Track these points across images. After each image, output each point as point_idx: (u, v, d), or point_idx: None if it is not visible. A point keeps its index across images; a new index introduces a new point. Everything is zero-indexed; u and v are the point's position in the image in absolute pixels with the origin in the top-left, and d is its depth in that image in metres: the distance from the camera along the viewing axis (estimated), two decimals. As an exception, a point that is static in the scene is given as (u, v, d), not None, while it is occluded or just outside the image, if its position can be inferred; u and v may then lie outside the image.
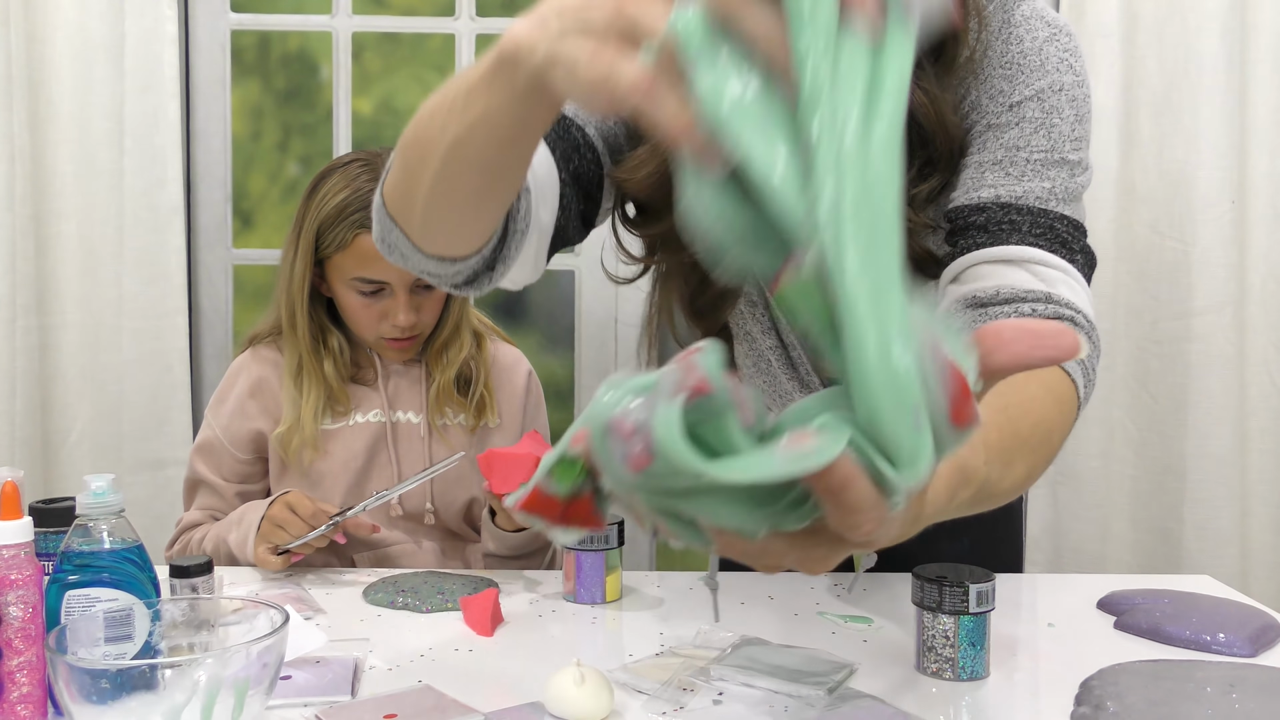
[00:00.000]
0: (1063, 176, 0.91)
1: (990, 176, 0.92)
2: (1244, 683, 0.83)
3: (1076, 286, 0.89)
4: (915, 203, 0.92)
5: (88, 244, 1.96)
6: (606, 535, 1.22)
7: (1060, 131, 0.91)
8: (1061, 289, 0.87)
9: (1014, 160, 0.91)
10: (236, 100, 2.11)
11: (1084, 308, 0.88)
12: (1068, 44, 0.93)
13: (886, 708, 0.90)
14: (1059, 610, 1.19)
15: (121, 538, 0.89)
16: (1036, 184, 0.91)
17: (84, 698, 0.72)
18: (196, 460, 1.52)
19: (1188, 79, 1.91)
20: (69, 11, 1.92)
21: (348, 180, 1.45)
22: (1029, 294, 0.86)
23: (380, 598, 1.22)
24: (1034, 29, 0.92)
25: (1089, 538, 1.99)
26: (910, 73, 0.46)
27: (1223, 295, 1.91)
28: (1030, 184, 0.91)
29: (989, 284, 0.88)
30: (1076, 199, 0.93)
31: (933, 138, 0.90)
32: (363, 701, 0.92)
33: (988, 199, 0.91)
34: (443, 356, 1.53)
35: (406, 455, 1.51)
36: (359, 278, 1.45)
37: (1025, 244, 0.89)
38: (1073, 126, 0.92)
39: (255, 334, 1.56)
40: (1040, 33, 0.92)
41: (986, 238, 0.90)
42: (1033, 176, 0.91)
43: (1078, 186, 0.93)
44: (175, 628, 0.85)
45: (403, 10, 2.15)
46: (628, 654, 1.05)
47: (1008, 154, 0.91)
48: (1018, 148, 0.91)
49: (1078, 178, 0.93)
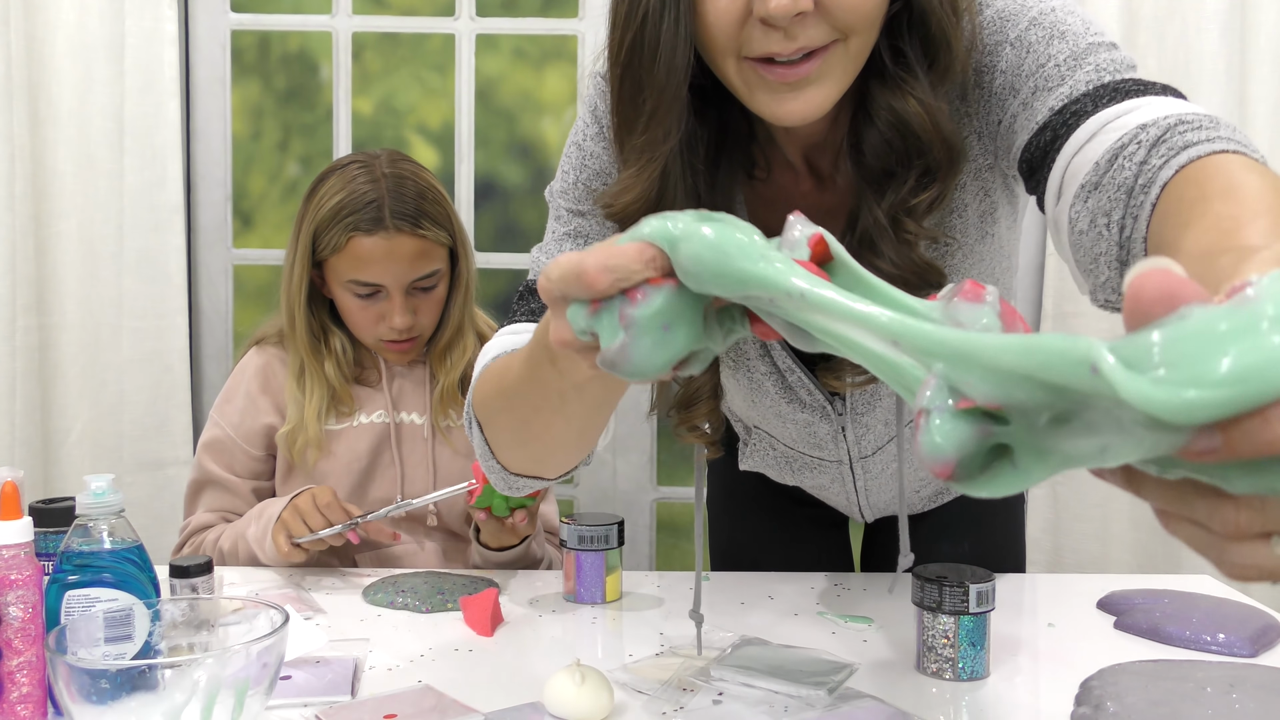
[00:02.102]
0: (1104, 57, 0.85)
1: (1037, 102, 0.86)
2: (1244, 683, 0.83)
3: (1165, 101, 0.78)
4: (915, 213, 0.90)
5: (88, 244, 1.96)
6: (606, 535, 1.22)
7: (1074, 31, 0.86)
8: (1151, 112, 0.77)
9: (1047, 75, 0.85)
10: (236, 100, 2.11)
11: (1182, 109, 0.76)
12: None
13: (886, 708, 0.90)
14: (1059, 610, 1.19)
15: (121, 538, 0.89)
16: (1080, 75, 0.84)
17: (84, 698, 0.72)
18: (206, 459, 1.51)
19: (1188, 79, 1.91)
20: (69, 11, 1.92)
21: (344, 183, 1.45)
22: (1123, 138, 0.75)
23: (380, 598, 1.22)
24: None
25: (1089, 538, 1.99)
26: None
27: (1223, 295, 1.91)
28: (1073, 79, 0.84)
29: (1086, 168, 0.78)
30: (1131, 69, 0.85)
31: (929, 147, 0.89)
32: (363, 701, 0.92)
33: (1044, 118, 0.84)
34: (446, 358, 1.53)
35: (410, 457, 1.51)
36: (354, 280, 1.45)
37: (1097, 113, 0.80)
38: (1084, 26, 0.87)
39: (261, 335, 1.56)
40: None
41: (1059, 141, 0.83)
42: (1071, 73, 0.84)
43: (1124, 58, 0.85)
44: (175, 628, 0.85)
45: (403, 10, 2.15)
46: (628, 654, 1.05)
47: (1036, 78, 0.86)
48: (1041, 65, 0.86)
49: (1118, 53, 0.85)
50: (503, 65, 2.16)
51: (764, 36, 0.81)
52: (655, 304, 0.57)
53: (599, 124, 0.99)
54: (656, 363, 0.58)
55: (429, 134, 2.18)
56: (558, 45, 2.16)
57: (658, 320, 0.57)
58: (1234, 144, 0.70)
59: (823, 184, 1.00)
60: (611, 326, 0.58)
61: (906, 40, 0.87)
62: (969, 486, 0.43)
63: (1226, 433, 0.34)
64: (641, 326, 0.57)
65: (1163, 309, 0.36)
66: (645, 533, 2.13)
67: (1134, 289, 0.37)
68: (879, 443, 1.15)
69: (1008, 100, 0.88)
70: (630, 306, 0.57)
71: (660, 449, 2.13)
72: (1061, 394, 0.38)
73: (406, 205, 1.44)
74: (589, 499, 2.13)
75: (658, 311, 0.57)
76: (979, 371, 0.41)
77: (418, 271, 1.45)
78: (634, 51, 0.85)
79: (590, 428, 0.87)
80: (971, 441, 0.42)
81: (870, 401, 1.09)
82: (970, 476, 0.43)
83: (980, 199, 0.97)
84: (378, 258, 1.43)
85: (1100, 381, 0.35)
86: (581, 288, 0.58)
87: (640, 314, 0.57)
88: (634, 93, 0.87)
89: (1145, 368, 0.35)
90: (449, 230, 1.49)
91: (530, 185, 2.18)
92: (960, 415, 0.42)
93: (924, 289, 0.94)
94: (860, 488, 1.20)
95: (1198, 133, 0.71)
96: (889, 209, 0.90)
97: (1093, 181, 0.76)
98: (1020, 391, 0.39)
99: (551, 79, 2.19)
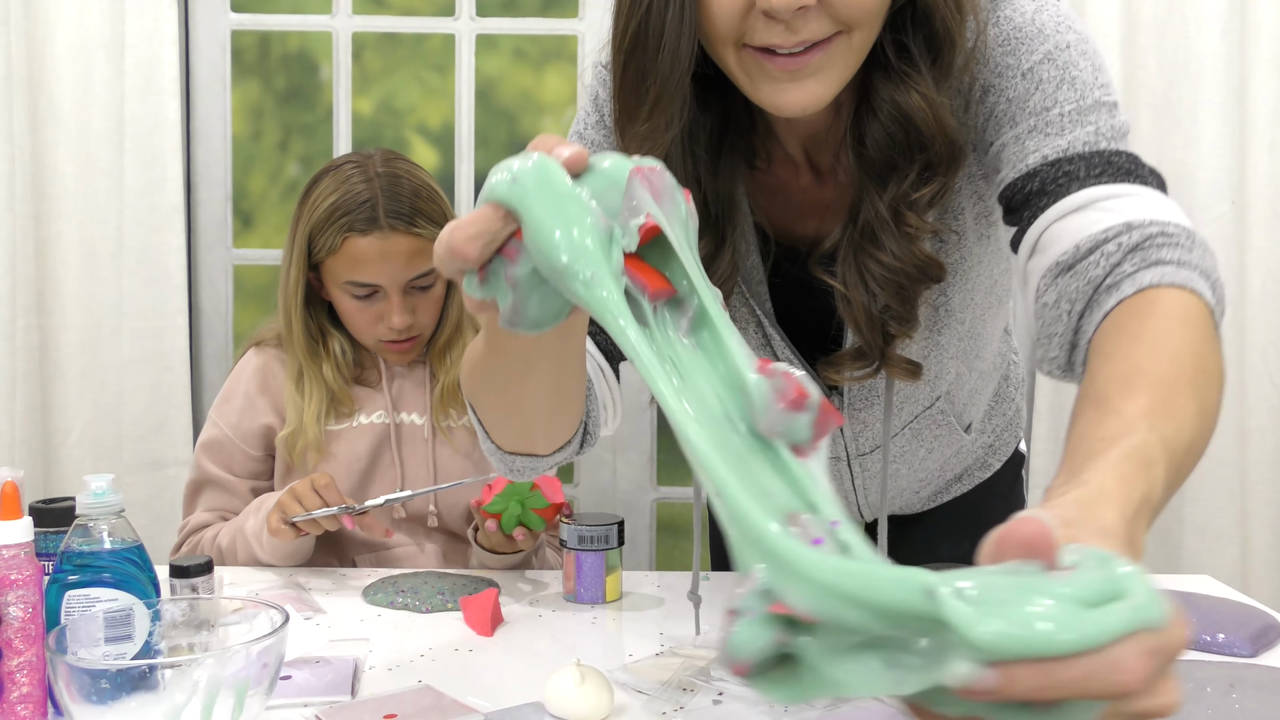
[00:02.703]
0: (1103, 118, 0.87)
1: (1031, 143, 0.88)
2: (1244, 683, 0.83)
3: (1153, 198, 0.82)
4: (917, 207, 0.91)
5: (88, 244, 1.96)
6: (606, 535, 1.22)
7: (1083, 80, 0.88)
8: (1139, 211, 0.81)
9: (1047, 120, 0.87)
10: (236, 100, 2.11)
11: (1171, 216, 0.80)
12: (1057, 10, 0.91)
13: (886, 708, 0.90)
14: (1059, 610, 1.19)
15: (121, 538, 0.89)
16: (1079, 132, 0.86)
17: (84, 698, 0.72)
18: (204, 459, 1.51)
19: (1188, 79, 1.91)
20: (69, 11, 1.92)
21: (338, 183, 1.45)
22: (1108, 232, 0.79)
23: (380, 598, 1.22)
24: (1020, 5, 0.91)
25: (1089, 538, 1.99)
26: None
27: (1223, 295, 1.91)
28: (1072, 134, 0.86)
29: (1066, 244, 0.82)
30: (1124, 137, 0.88)
31: (931, 141, 0.89)
32: (363, 701, 0.92)
33: (1035, 164, 0.87)
34: (446, 357, 1.52)
35: (410, 457, 1.51)
36: (351, 281, 1.45)
37: (1087, 187, 0.84)
38: (1094, 75, 0.88)
39: (259, 338, 1.56)
40: (1027, 6, 0.91)
41: (1047, 199, 0.85)
42: (1072, 127, 0.87)
43: (1121, 124, 0.88)
44: (175, 628, 0.85)
45: (403, 10, 2.15)
46: (628, 654, 1.05)
47: (1038, 118, 0.88)
48: (1046, 108, 0.88)
49: (1118, 117, 0.88)
50: (503, 65, 2.16)
51: (766, 28, 0.81)
52: (528, 260, 0.57)
53: (600, 112, 1.00)
54: (549, 313, 0.59)
55: (429, 134, 2.18)
56: (558, 45, 2.16)
57: (536, 275, 0.57)
58: (1198, 274, 0.76)
59: (822, 178, 1.00)
60: (502, 288, 0.59)
61: (910, 35, 0.87)
62: (755, 684, 0.46)
63: (1008, 671, 0.40)
64: (525, 284, 0.58)
65: (1018, 554, 0.44)
66: (645, 533, 2.13)
67: (1005, 532, 0.45)
68: (876, 441, 1.15)
69: (1004, 128, 0.90)
70: (511, 266, 0.58)
71: (660, 449, 2.12)
72: (887, 619, 0.42)
73: (401, 204, 1.44)
74: (589, 499, 2.13)
75: (534, 268, 0.57)
76: (808, 587, 0.44)
77: (414, 270, 1.45)
78: (637, 39, 0.86)
79: (562, 388, 0.86)
80: (770, 649, 0.45)
81: (868, 398, 1.09)
82: (762, 674, 0.46)
83: (975, 202, 0.98)
84: (374, 258, 1.43)
85: (933, 605, 0.41)
86: (459, 261, 0.59)
87: (519, 272, 0.58)
88: (637, 80, 0.87)
89: (972, 602, 0.41)
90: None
91: (530, 185, 2.18)
92: (769, 620, 0.45)
93: (923, 283, 0.94)
94: (858, 485, 1.20)
95: (1174, 251, 0.76)
96: (890, 202, 0.90)
97: (1068, 263, 0.81)
98: (849, 613, 0.43)
99: (551, 79, 2.19)
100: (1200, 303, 0.74)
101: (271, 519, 1.30)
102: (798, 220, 1.01)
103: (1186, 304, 0.74)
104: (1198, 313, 0.73)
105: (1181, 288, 0.74)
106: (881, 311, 0.94)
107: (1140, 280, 0.75)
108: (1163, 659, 0.42)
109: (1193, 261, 0.76)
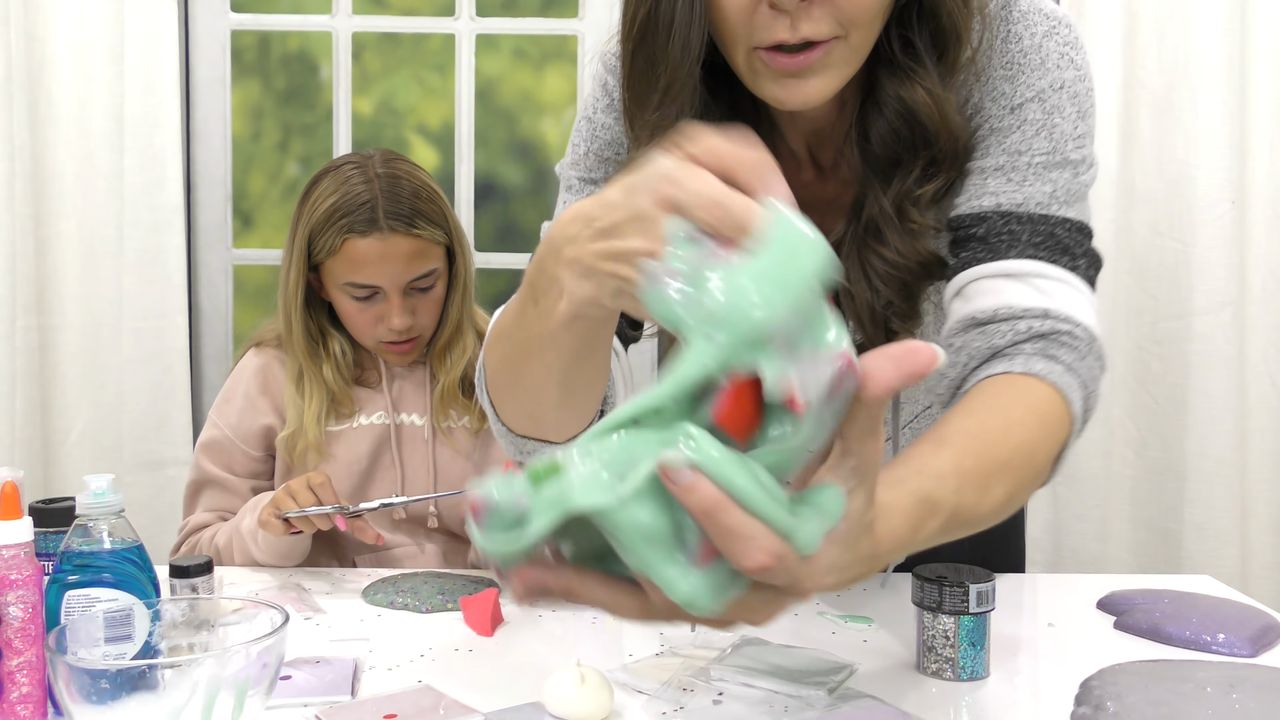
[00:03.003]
0: (1065, 178, 0.91)
1: (992, 183, 0.91)
2: (1244, 683, 0.83)
3: (1077, 296, 0.88)
4: (920, 204, 0.91)
5: (88, 244, 1.96)
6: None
7: (1062, 131, 0.91)
8: (1061, 301, 0.87)
9: (1015, 165, 0.91)
10: (236, 100, 2.11)
11: (1084, 318, 0.87)
12: (1067, 36, 0.92)
13: (886, 708, 0.90)
14: (1059, 610, 1.19)
15: (121, 538, 0.89)
16: (1038, 188, 0.90)
17: (84, 698, 0.72)
18: (204, 459, 1.51)
19: (1188, 79, 1.91)
20: (69, 11, 1.92)
21: (337, 184, 1.45)
22: (1027, 311, 0.86)
23: (380, 598, 1.22)
24: (1033, 25, 0.92)
25: (1089, 538, 1.99)
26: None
27: (1223, 295, 1.91)
28: (1032, 188, 0.90)
29: (988, 302, 0.88)
30: (1081, 198, 0.93)
31: (936, 137, 0.89)
32: (363, 701, 0.92)
33: (989, 207, 0.91)
34: (446, 358, 1.52)
35: (410, 458, 1.51)
36: (351, 282, 1.44)
37: (1024, 257, 0.89)
38: (1075, 124, 0.91)
39: (259, 339, 1.56)
40: (1039, 27, 0.92)
41: (986, 251, 0.90)
42: (1034, 180, 0.91)
43: (1081, 186, 0.93)
44: (175, 628, 0.85)
45: (403, 10, 2.16)
46: (628, 654, 1.05)
47: (1009, 159, 0.91)
48: (1019, 152, 0.91)
49: (1081, 176, 0.93)
50: (503, 65, 2.16)
51: (771, 22, 0.82)
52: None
53: (609, 96, 1.00)
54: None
55: (429, 134, 2.18)
56: (558, 45, 2.16)
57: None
58: (1079, 384, 0.83)
59: (824, 175, 1.00)
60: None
61: (916, 31, 0.88)
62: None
63: (698, 479, 0.49)
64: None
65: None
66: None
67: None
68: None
69: (976, 154, 0.93)
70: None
71: (660, 449, 2.12)
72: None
73: (401, 205, 1.43)
74: (589, 499, 2.13)
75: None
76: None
77: (414, 271, 1.45)
78: (647, 27, 0.86)
79: (574, 385, 0.83)
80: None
81: None
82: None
83: None
84: (373, 259, 1.43)
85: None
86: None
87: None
88: (647, 68, 0.88)
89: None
90: (445, 229, 1.48)
91: (530, 185, 2.18)
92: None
93: (926, 280, 0.95)
94: None
95: (1070, 354, 0.84)
96: (895, 198, 0.91)
97: (983, 321, 0.88)
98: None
99: (551, 79, 2.19)
100: (1066, 411, 0.82)
101: (264, 513, 1.30)
102: None
103: (1053, 407, 0.82)
104: (1058, 418, 0.82)
105: (1057, 391, 0.82)
106: (885, 308, 0.94)
107: (1031, 366, 0.83)
108: (792, 576, 0.52)
109: (1081, 370, 0.84)
